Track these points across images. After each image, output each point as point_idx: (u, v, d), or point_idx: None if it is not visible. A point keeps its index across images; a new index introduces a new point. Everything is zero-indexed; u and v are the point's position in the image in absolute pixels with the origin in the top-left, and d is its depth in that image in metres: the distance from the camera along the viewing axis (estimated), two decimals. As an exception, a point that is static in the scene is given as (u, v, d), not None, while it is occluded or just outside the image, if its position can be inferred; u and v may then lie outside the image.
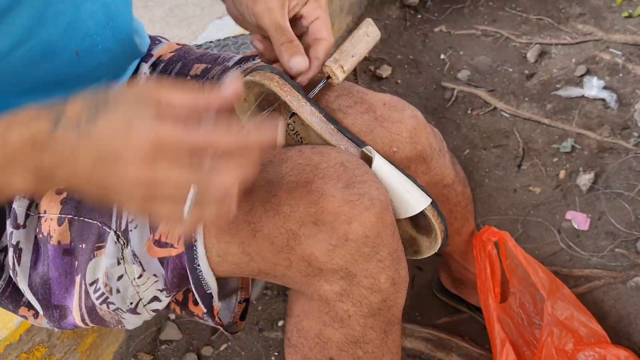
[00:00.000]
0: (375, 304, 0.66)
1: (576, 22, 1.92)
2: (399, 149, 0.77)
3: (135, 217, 0.60)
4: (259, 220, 0.64)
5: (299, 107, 0.70)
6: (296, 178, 0.65)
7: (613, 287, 1.31)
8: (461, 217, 1.00)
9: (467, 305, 1.27)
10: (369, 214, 0.63)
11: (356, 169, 0.66)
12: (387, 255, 0.65)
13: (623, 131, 1.60)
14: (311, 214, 0.62)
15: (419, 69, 1.88)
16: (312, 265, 0.64)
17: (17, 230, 0.73)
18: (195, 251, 0.67)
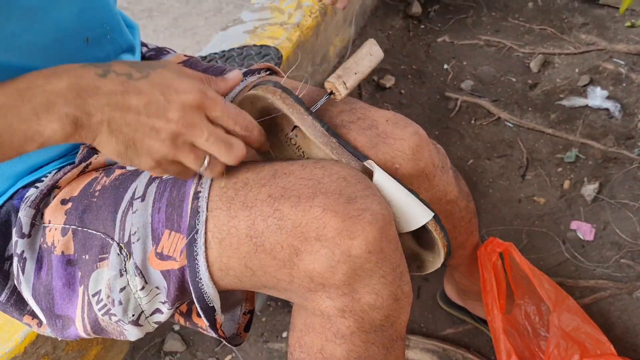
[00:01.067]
0: (377, 320, 0.66)
1: (579, 32, 1.93)
2: (401, 166, 0.77)
3: (149, 170, 0.62)
4: (261, 235, 0.64)
5: (301, 121, 0.70)
6: (298, 193, 0.64)
7: (619, 298, 1.30)
8: (465, 232, 0.99)
9: (472, 316, 1.27)
10: (372, 229, 0.62)
11: (358, 184, 0.66)
12: (390, 271, 0.65)
13: (627, 141, 1.60)
14: (314, 229, 0.62)
15: (423, 79, 1.88)
16: (314, 280, 0.64)
17: (22, 240, 0.74)
18: (197, 265, 0.67)
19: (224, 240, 0.66)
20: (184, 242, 0.67)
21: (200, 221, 0.67)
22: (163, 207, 0.69)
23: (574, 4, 2.03)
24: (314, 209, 0.63)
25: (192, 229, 0.67)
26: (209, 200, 0.67)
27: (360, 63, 0.75)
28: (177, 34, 2.34)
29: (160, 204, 0.70)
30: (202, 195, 0.68)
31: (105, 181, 0.75)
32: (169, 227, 0.69)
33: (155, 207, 0.70)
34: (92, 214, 0.72)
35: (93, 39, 0.75)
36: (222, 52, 1.40)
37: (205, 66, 0.93)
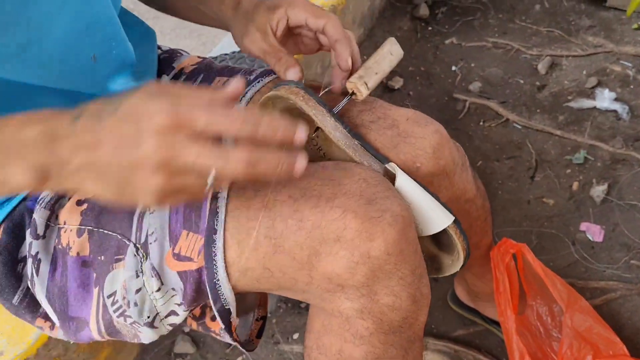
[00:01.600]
0: (396, 321, 0.66)
1: (586, 34, 1.93)
2: (422, 165, 0.77)
3: (155, 207, 0.56)
4: (281, 235, 0.64)
5: (323, 122, 0.70)
6: (319, 194, 0.64)
7: (629, 299, 1.30)
8: (480, 231, 1.00)
9: (483, 317, 1.27)
10: (392, 231, 0.62)
11: (379, 185, 0.66)
12: (409, 273, 0.65)
13: (635, 142, 1.60)
14: (333, 230, 0.62)
15: (431, 80, 1.89)
16: (333, 282, 0.64)
17: (37, 241, 0.73)
18: (215, 266, 0.67)
19: (242, 242, 0.66)
20: (202, 242, 0.67)
21: (219, 222, 0.66)
22: (181, 207, 0.69)
23: (581, 6, 2.03)
24: (334, 210, 0.63)
25: (211, 229, 0.67)
26: (228, 201, 0.67)
27: (381, 63, 0.75)
28: (183, 35, 2.35)
29: (178, 205, 0.70)
30: (221, 195, 0.68)
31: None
32: (187, 227, 0.68)
33: (173, 208, 0.70)
34: (108, 215, 0.72)
35: (100, 56, 0.73)
36: (232, 53, 1.40)
37: (219, 67, 0.93)
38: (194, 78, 0.90)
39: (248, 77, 0.88)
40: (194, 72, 0.91)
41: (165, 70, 0.92)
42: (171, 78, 0.92)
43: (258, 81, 0.86)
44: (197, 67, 0.92)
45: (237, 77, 0.56)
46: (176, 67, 0.93)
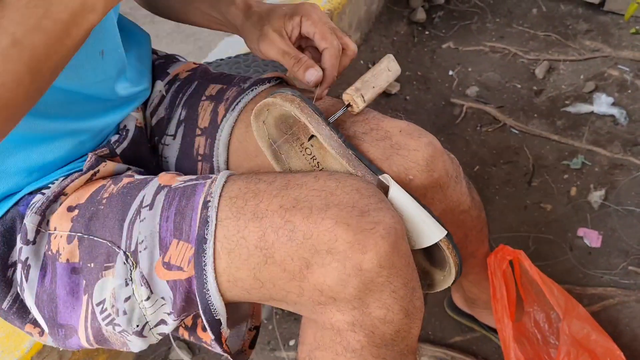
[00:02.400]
0: (388, 334, 0.65)
1: (584, 38, 1.93)
2: (415, 177, 0.76)
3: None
4: (272, 246, 0.63)
5: (318, 130, 0.70)
6: (311, 204, 0.64)
7: (627, 306, 1.30)
8: (476, 241, 0.99)
9: (480, 324, 1.26)
10: (384, 243, 0.62)
11: (372, 197, 0.65)
12: (401, 286, 0.64)
13: (633, 147, 1.60)
14: (325, 242, 0.61)
15: (428, 85, 1.88)
16: (325, 294, 0.63)
17: (27, 246, 0.73)
18: (205, 275, 0.66)
19: (233, 251, 0.65)
20: (192, 252, 0.67)
21: (210, 231, 0.66)
22: (172, 216, 0.69)
23: (578, 11, 2.03)
24: (326, 221, 0.62)
25: (201, 238, 0.66)
26: (219, 210, 0.67)
27: (378, 77, 0.76)
28: (179, 40, 2.34)
29: (168, 213, 0.69)
30: (212, 204, 0.67)
31: (113, 189, 0.74)
32: (177, 236, 0.68)
33: (163, 216, 0.69)
34: (98, 222, 0.72)
35: (107, 52, 0.75)
36: (228, 58, 1.40)
37: (214, 74, 0.93)
38: (188, 84, 0.90)
39: (242, 85, 0.87)
40: (188, 79, 0.91)
41: (159, 75, 0.92)
42: (165, 84, 0.91)
43: (252, 89, 0.86)
44: (192, 73, 0.92)
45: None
46: (171, 72, 0.92)
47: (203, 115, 0.86)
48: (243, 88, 0.86)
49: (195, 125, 0.86)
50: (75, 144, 0.77)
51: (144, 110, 0.90)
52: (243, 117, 0.84)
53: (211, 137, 0.85)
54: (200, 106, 0.87)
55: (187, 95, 0.89)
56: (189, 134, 0.86)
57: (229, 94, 0.86)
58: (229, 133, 0.84)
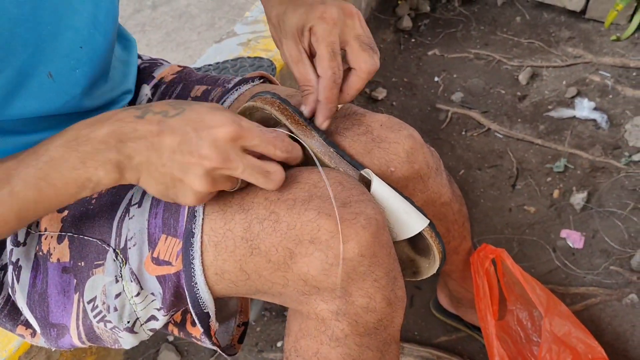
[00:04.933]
0: (371, 323, 0.67)
1: (566, 45, 1.97)
2: (396, 169, 0.78)
3: (191, 205, 0.65)
4: (257, 237, 0.65)
5: (298, 131, 0.71)
6: (294, 196, 0.65)
7: (609, 305, 1.32)
8: (458, 236, 1.01)
9: (465, 324, 1.28)
10: (365, 233, 0.63)
11: (353, 189, 0.67)
12: (383, 275, 0.65)
13: (614, 151, 1.63)
14: (308, 232, 0.63)
15: (414, 91, 1.91)
16: (309, 283, 0.64)
17: (17, 248, 0.74)
18: (193, 269, 0.67)
19: (219, 244, 0.66)
20: (180, 246, 0.68)
21: (197, 225, 0.67)
22: (160, 212, 0.70)
23: (561, 19, 2.07)
24: (309, 212, 0.63)
25: (189, 232, 0.67)
26: (206, 204, 0.68)
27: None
28: (169, 48, 2.36)
29: (157, 210, 0.70)
30: None
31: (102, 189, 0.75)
32: (165, 231, 0.69)
33: (152, 213, 0.70)
34: (88, 221, 0.73)
35: (57, 74, 0.72)
36: (216, 64, 1.42)
37: (199, 76, 0.94)
38: (173, 87, 0.91)
39: (226, 85, 0.89)
40: (173, 81, 0.92)
41: (145, 79, 0.93)
42: (152, 87, 0.92)
43: (236, 89, 0.87)
44: (177, 76, 0.93)
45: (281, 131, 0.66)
46: (156, 76, 0.94)
47: None
48: (227, 88, 0.88)
49: None
50: None
51: None
52: None
53: None
54: None
55: (172, 98, 0.90)
56: None
57: (213, 94, 0.88)
58: None
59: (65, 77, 0.72)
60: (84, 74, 0.74)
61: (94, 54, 0.75)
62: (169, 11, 2.56)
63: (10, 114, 0.69)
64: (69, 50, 0.71)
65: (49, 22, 0.67)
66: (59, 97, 0.73)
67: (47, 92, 0.71)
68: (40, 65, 0.68)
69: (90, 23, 0.72)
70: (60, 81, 0.71)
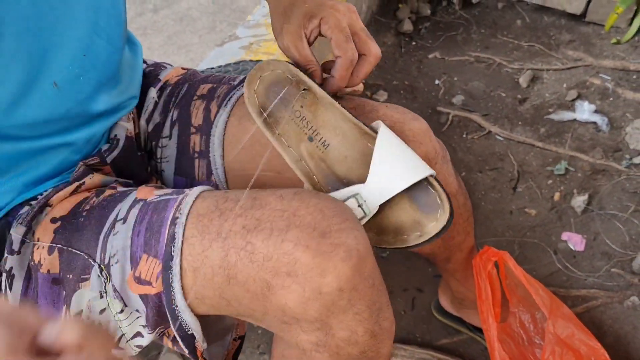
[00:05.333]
0: (354, 355, 0.65)
1: (566, 48, 1.97)
2: None
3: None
4: (234, 266, 0.63)
5: (311, 84, 0.76)
6: (272, 225, 0.63)
7: (610, 307, 1.32)
8: (463, 231, 1.01)
9: (467, 326, 1.28)
10: (344, 267, 0.60)
11: (334, 217, 0.63)
12: (365, 308, 0.63)
13: (615, 153, 1.63)
14: (284, 264, 0.61)
15: (415, 94, 1.92)
16: (287, 314, 0.63)
17: (12, 256, 0.73)
18: (173, 292, 0.66)
19: (198, 270, 0.64)
20: (160, 268, 0.66)
21: (176, 248, 0.65)
22: (143, 230, 0.68)
23: (561, 22, 2.08)
24: (285, 244, 0.61)
25: (168, 255, 0.65)
26: (186, 228, 0.66)
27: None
28: (171, 52, 2.37)
29: (140, 227, 0.68)
30: (180, 221, 0.66)
31: (94, 201, 0.74)
32: (146, 251, 0.67)
33: (135, 231, 0.69)
34: (77, 234, 0.72)
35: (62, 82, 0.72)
36: (218, 67, 1.42)
37: (203, 76, 0.95)
38: (179, 87, 0.92)
39: (232, 82, 0.90)
40: (178, 82, 0.93)
41: (151, 82, 0.93)
42: (158, 90, 0.93)
43: (241, 86, 0.88)
44: (182, 77, 0.94)
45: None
46: (162, 79, 0.94)
47: (196, 113, 0.88)
48: (233, 85, 0.88)
49: (189, 124, 0.88)
50: (65, 155, 0.78)
51: (138, 118, 0.92)
52: (236, 112, 0.85)
53: (206, 134, 0.86)
54: (192, 105, 0.88)
55: (179, 98, 0.91)
56: (184, 133, 0.88)
57: (219, 91, 0.88)
58: (223, 128, 0.85)
59: (69, 84, 0.72)
60: (88, 80, 0.74)
61: (97, 60, 0.75)
62: (170, 14, 2.57)
63: (14, 121, 0.69)
64: (72, 58, 0.71)
65: (52, 33, 0.67)
66: (63, 104, 0.73)
67: (52, 100, 0.71)
68: (44, 74, 0.69)
69: (91, 30, 0.73)
70: (65, 88, 0.71)
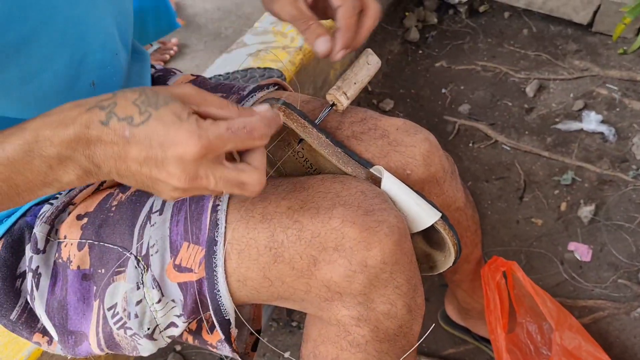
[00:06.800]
0: (391, 329, 0.67)
1: (573, 58, 1.97)
2: (412, 172, 0.79)
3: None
4: (281, 245, 0.66)
5: (306, 134, 0.72)
6: (317, 205, 0.66)
7: (617, 318, 1.32)
8: (470, 243, 1.01)
9: (473, 335, 1.28)
10: (388, 241, 0.64)
11: (375, 197, 0.68)
12: (404, 282, 0.67)
13: (622, 164, 1.63)
14: (332, 239, 0.64)
15: (421, 102, 1.92)
16: (331, 290, 0.65)
17: (37, 255, 0.74)
18: (216, 276, 0.68)
19: (243, 252, 0.67)
20: (202, 254, 0.69)
21: (220, 233, 0.68)
22: (182, 220, 0.71)
23: (568, 31, 2.08)
24: (333, 220, 0.65)
25: (211, 241, 0.68)
26: (228, 213, 0.69)
27: (358, 73, 0.77)
28: (176, 57, 2.37)
29: (178, 217, 0.71)
30: (221, 208, 0.69)
31: (122, 197, 0.76)
32: (187, 239, 0.70)
33: (173, 220, 0.71)
34: (108, 228, 0.73)
35: (98, 82, 0.74)
36: (226, 74, 1.42)
37: (213, 84, 0.95)
38: (187, 96, 0.92)
39: (241, 92, 0.90)
40: (187, 90, 0.93)
41: (161, 89, 0.94)
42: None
43: (251, 96, 0.88)
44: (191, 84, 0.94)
45: (266, 105, 0.60)
46: (171, 85, 0.94)
47: None
48: (242, 95, 0.88)
49: None
50: None
51: None
52: None
53: None
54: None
55: None
56: None
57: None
58: None
59: (103, 84, 0.74)
60: (117, 81, 0.77)
61: (120, 67, 0.77)
62: (176, 20, 2.58)
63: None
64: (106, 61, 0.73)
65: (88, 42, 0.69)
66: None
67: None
68: (84, 73, 0.71)
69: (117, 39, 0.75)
70: (99, 88, 0.73)
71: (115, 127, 0.53)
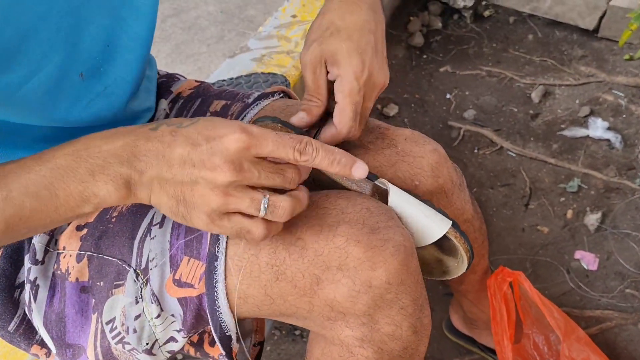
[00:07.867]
0: (396, 351, 0.66)
1: (579, 64, 1.96)
2: (420, 183, 0.77)
3: (205, 229, 0.58)
4: (283, 263, 0.64)
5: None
6: (321, 222, 0.64)
7: (624, 329, 1.30)
8: (477, 254, 1.00)
9: (479, 346, 1.26)
10: (394, 260, 0.62)
11: (381, 215, 0.66)
12: (410, 303, 0.65)
13: (629, 171, 1.61)
14: (336, 258, 0.62)
15: (425, 108, 1.90)
16: (335, 309, 0.64)
17: (36, 266, 0.73)
18: (216, 292, 0.66)
19: (244, 268, 0.65)
20: (203, 269, 0.67)
21: (221, 249, 0.66)
22: (182, 233, 0.69)
23: (573, 37, 2.06)
24: (337, 238, 0.63)
25: (212, 256, 0.66)
26: None
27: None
28: (178, 61, 2.36)
29: (179, 231, 0.69)
30: None
31: (122, 208, 0.74)
32: (188, 253, 0.68)
33: (174, 234, 0.69)
34: (108, 240, 0.72)
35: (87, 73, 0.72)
36: (230, 80, 1.41)
37: (217, 91, 0.94)
38: (192, 102, 0.91)
39: (246, 100, 0.88)
40: (191, 96, 0.92)
41: (163, 94, 0.92)
42: (169, 102, 0.92)
43: (256, 104, 0.87)
44: (195, 91, 0.93)
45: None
46: (174, 91, 0.93)
47: None
48: (247, 103, 0.87)
49: None
50: None
51: None
52: None
53: None
54: None
55: (191, 113, 0.89)
56: None
57: (233, 109, 0.87)
58: None
59: (119, 87, 0.74)
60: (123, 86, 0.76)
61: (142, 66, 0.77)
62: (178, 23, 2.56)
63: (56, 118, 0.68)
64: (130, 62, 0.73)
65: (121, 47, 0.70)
66: (110, 108, 0.74)
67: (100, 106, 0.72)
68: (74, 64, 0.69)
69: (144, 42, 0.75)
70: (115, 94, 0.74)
71: (164, 130, 0.55)
